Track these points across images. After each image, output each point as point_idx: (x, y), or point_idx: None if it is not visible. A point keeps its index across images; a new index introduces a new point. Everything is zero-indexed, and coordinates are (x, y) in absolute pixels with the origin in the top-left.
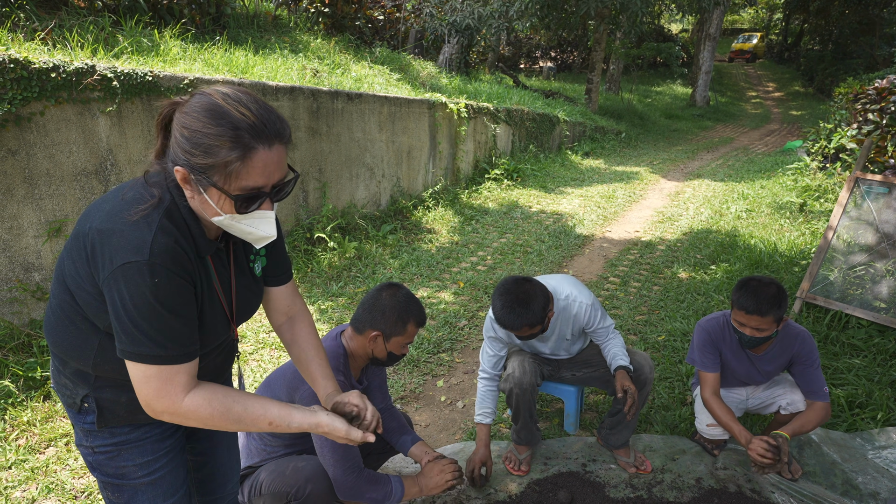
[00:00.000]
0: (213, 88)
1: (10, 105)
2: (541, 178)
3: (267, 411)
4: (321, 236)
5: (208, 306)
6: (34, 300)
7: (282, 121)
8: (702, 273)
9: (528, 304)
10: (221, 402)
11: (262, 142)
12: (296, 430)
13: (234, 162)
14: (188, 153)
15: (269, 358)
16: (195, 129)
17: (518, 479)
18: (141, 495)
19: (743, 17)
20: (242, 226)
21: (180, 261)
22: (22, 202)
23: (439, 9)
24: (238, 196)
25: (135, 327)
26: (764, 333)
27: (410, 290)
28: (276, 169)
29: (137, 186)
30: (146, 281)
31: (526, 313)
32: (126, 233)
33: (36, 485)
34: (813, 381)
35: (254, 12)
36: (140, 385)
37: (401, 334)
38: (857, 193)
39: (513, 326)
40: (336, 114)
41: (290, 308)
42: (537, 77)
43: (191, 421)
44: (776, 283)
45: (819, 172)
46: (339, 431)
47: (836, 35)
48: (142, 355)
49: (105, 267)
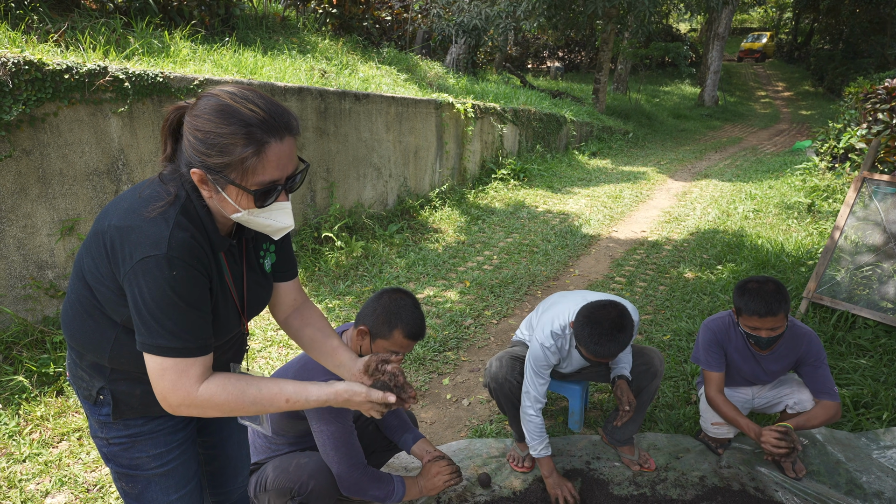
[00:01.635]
0: (218, 89)
1: (24, 106)
2: (547, 178)
3: (282, 389)
4: (329, 235)
5: (221, 301)
6: (47, 297)
7: (289, 113)
8: (708, 273)
9: (625, 329)
10: (235, 386)
11: (274, 135)
12: (314, 404)
13: (250, 158)
14: (203, 154)
15: (278, 355)
16: (208, 131)
17: (522, 476)
18: (154, 486)
19: (752, 17)
20: (260, 219)
21: (197, 255)
22: (36, 201)
23: (447, 9)
24: (256, 191)
25: (153, 320)
26: (779, 331)
27: (417, 302)
28: (288, 161)
29: (154, 185)
30: (164, 274)
31: (624, 338)
32: (144, 229)
33: (49, 478)
34: (822, 381)
35: (262, 13)
36: (156, 377)
37: (386, 338)
38: (864, 193)
39: (611, 354)
40: (344, 114)
41: (295, 301)
42: (544, 77)
43: (208, 410)
44: (771, 279)
45: (828, 172)
46: (358, 395)
47: (847, 34)
48: (159, 347)
49: (125, 262)
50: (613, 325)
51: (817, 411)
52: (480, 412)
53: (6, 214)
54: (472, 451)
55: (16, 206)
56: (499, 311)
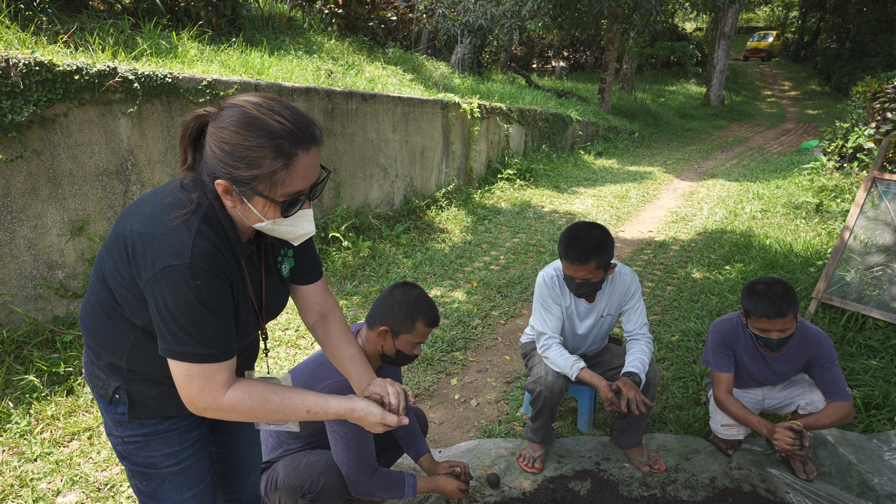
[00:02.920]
0: (241, 99)
1: (35, 107)
2: (553, 178)
3: (304, 400)
4: (335, 235)
5: (242, 306)
6: (57, 297)
7: (314, 123)
8: (716, 273)
9: (605, 241)
10: (260, 394)
11: (302, 147)
12: (332, 416)
13: (280, 171)
14: (230, 167)
15: (286, 355)
16: (235, 143)
17: (532, 477)
18: (167, 484)
19: (758, 16)
20: (283, 228)
21: (219, 263)
22: (46, 201)
23: (452, 9)
24: (283, 202)
25: (178, 328)
26: (789, 332)
27: (425, 291)
28: (314, 171)
29: (176, 192)
30: (188, 283)
31: (606, 244)
32: (167, 237)
33: (60, 477)
34: (833, 382)
35: (268, 14)
36: (183, 383)
37: (409, 332)
38: (874, 193)
39: (583, 259)
40: (350, 114)
41: (321, 306)
42: (550, 77)
43: (233, 415)
44: (780, 281)
45: (836, 172)
46: (373, 416)
47: (854, 33)
48: (186, 354)
49: (147, 270)
50: (590, 229)
51: (829, 411)
52: (489, 412)
53: (17, 214)
54: (480, 452)
55: (26, 207)
56: (506, 312)
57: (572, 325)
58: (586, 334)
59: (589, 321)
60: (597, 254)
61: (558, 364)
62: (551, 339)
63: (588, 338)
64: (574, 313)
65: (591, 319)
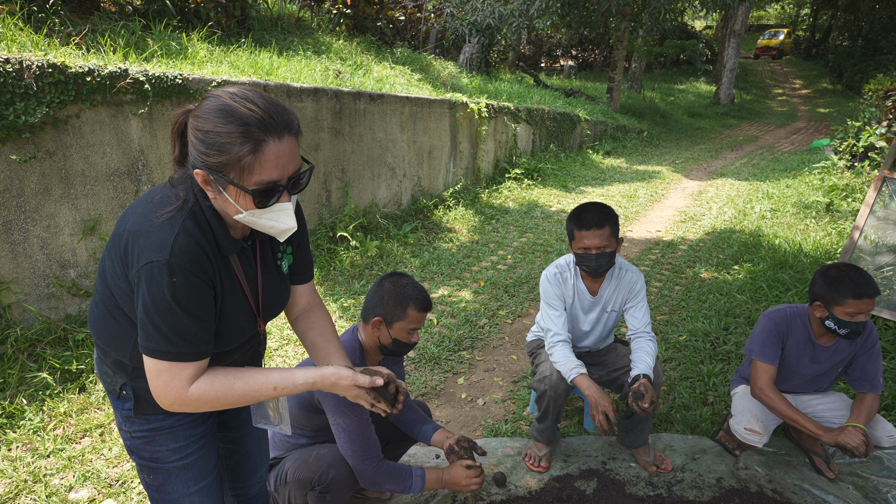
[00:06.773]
0: (221, 90)
1: (48, 108)
2: (561, 178)
3: (269, 378)
4: (344, 235)
5: (231, 304)
6: (70, 296)
7: (289, 112)
8: (724, 273)
9: (613, 213)
10: (223, 381)
11: (272, 134)
12: (301, 388)
13: (247, 156)
14: (204, 154)
15: (294, 354)
16: (207, 130)
17: (538, 476)
18: (174, 478)
19: (769, 13)
20: (264, 220)
21: (199, 262)
22: (59, 201)
23: (460, 8)
24: (255, 191)
25: (151, 324)
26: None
27: (413, 278)
28: (288, 161)
29: (164, 189)
30: (165, 280)
31: (614, 215)
32: (152, 233)
33: (73, 473)
34: (874, 371)
35: (277, 14)
36: (152, 378)
37: (402, 319)
38: (885, 192)
39: (599, 223)
40: (358, 114)
41: (308, 305)
42: (558, 76)
43: (201, 406)
44: (851, 264)
45: (847, 171)
46: (345, 380)
47: (866, 30)
48: (154, 350)
49: (133, 266)
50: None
51: (870, 404)
52: (495, 411)
53: (30, 214)
54: (487, 450)
55: (39, 207)
56: (513, 311)
57: (576, 320)
58: (590, 330)
59: (593, 315)
60: (609, 219)
61: (560, 366)
62: (557, 338)
63: (592, 334)
64: (578, 307)
65: (594, 314)
